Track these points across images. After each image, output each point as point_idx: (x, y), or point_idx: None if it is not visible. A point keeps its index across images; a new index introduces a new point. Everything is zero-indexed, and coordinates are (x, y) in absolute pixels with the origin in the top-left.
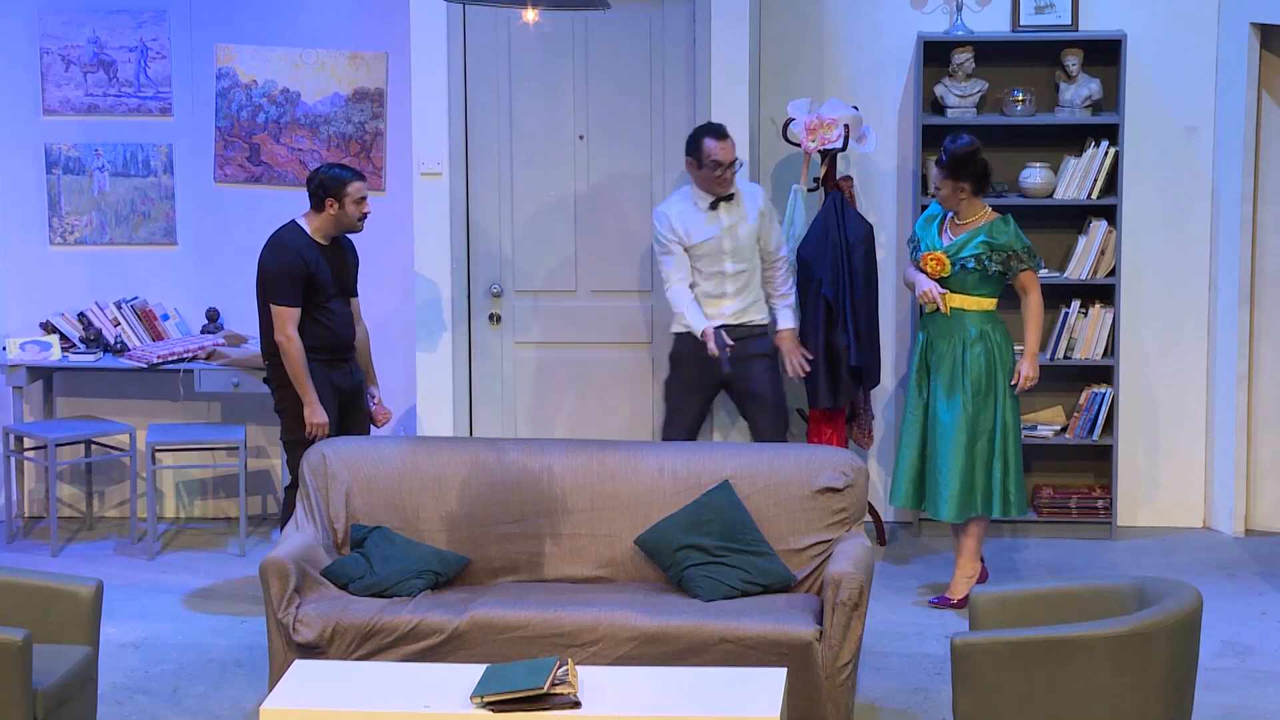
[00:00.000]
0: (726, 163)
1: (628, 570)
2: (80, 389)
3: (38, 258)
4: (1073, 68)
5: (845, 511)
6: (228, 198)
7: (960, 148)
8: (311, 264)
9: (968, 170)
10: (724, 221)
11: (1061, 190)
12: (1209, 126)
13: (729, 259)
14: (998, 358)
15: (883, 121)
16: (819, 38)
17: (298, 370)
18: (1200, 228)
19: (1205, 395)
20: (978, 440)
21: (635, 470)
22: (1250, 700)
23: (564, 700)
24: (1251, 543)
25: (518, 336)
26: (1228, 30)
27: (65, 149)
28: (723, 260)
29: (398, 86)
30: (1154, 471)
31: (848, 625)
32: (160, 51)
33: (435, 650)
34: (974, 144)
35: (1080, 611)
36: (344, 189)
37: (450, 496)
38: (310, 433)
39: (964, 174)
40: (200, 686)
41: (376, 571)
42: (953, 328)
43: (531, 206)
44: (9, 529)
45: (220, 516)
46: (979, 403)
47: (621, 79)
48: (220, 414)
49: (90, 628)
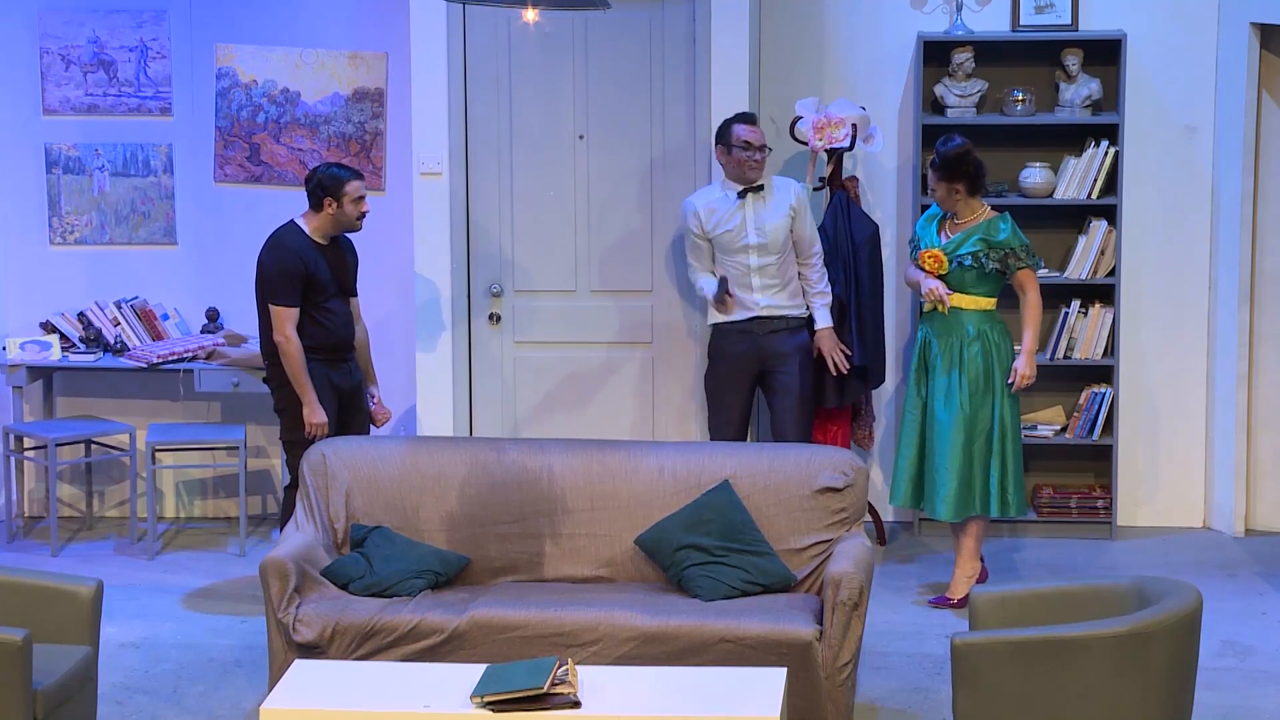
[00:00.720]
0: (756, 145)
1: (628, 570)
2: (80, 389)
3: (38, 257)
4: (1073, 68)
5: (845, 511)
6: (228, 197)
7: (951, 149)
8: (310, 264)
9: (961, 171)
10: (750, 212)
11: (1061, 190)
12: (1209, 126)
13: (754, 252)
14: (995, 357)
15: (883, 121)
16: (819, 38)
17: (297, 370)
18: (1200, 228)
19: (1205, 395)
20: (975, 440)
21: (635, 470)
22: (1250, 700)
23: (564, 700)
24: (1251, 543)
25: (518, 336)
26: (1228, 30)
27: (65, 149)
28: (748, 252)
29: (398, 86)
30: (1154, 471)
31: (848, 625)
32: (160, 51)
33: (435, 650)
34: (965, 145)
35: (1080, 611)
36: (342, 188)
37: (450, 496)
38: (309, 433)
39: (957, 175)
40: (200, 686)
41: (376, 571)
42: (951, 326)
43: (531, 206)
44: (9, 529)
45: (220, 516)
46: (976, 402)
47: (621, 79)
48: (220, 414)
49: (90, 628)
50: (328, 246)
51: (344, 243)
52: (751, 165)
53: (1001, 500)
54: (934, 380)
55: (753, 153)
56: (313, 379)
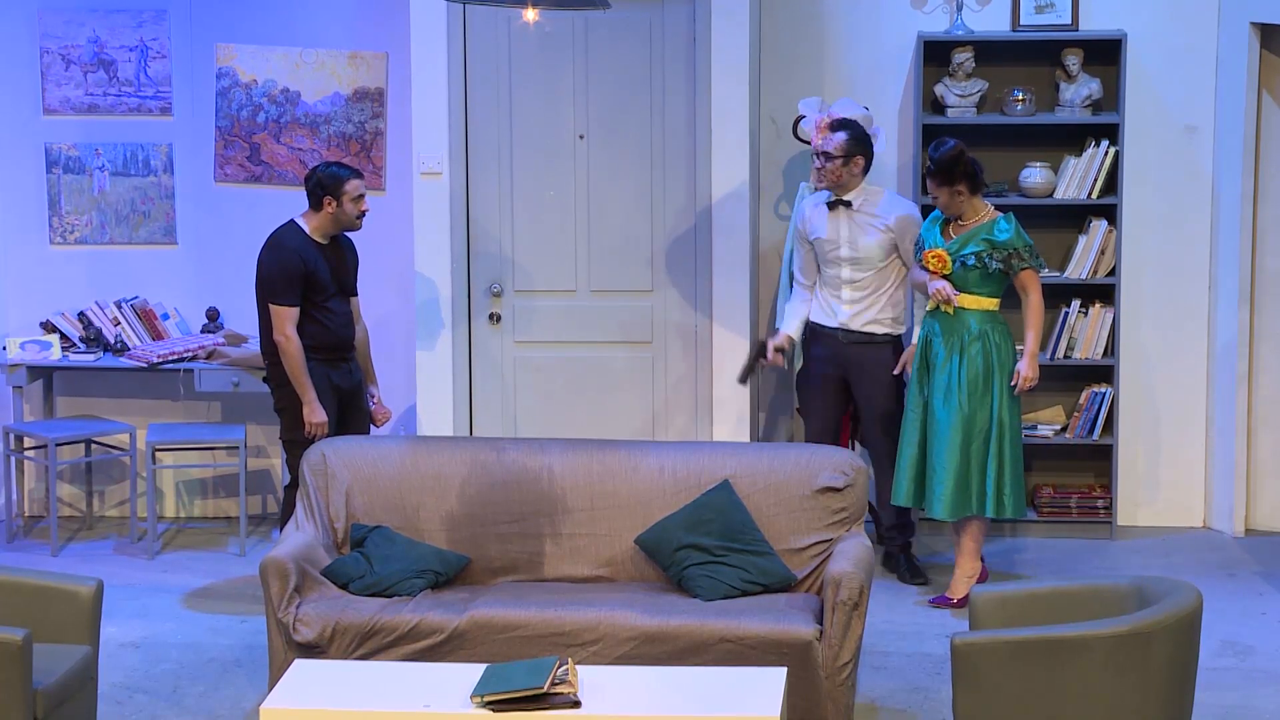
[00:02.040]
0: (812, 148)
1: (628, 570)
2: (80, 388)
3: (38, 257)
4: (1073, 67)
5: (845, 511)
6: (228, 197)
7: (945, 153)
8: (310, 263)
9: (959, 173)
10: (842, 225)
11: (1061, 190)
12: (1209, 126)
13: (847, 265)
14: (995, 358)
15: (883, 121)
16: (819, 38)
17: (296, 369)
18: (1200, 228)
19: (1205, 395)
20: (973, 440)
21: (635, 470)
22: (1250, 700)
23: (564, 700)
24: (1251, 543)
25: (518, 336)
26: (1228, 30)
27: (65, 148)
28: (840, 265)
29: (398, 86)
30: (1154, 471)
31: (848, 625)
32: (160, 51)
33: (435, 650)
34: (958, 146)
35: (1080, 611)
36: (341, 187)
37: (450, 496)
38: (309, 432)
39: (956, 177)
40: (200, 686)
41: (376, 571)
42: (953, 326)
43: (531, 206)
44: (9, 529)
45: (220, 516)
46: (975, 402)
47: (621, 79)
48: (220, 414)
49: (90, 627)
50: (328, 246)
51: (344, 242)
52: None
53: (998, 501)
54: (934, 379)
55: (816, 159)
56: (313, 379)
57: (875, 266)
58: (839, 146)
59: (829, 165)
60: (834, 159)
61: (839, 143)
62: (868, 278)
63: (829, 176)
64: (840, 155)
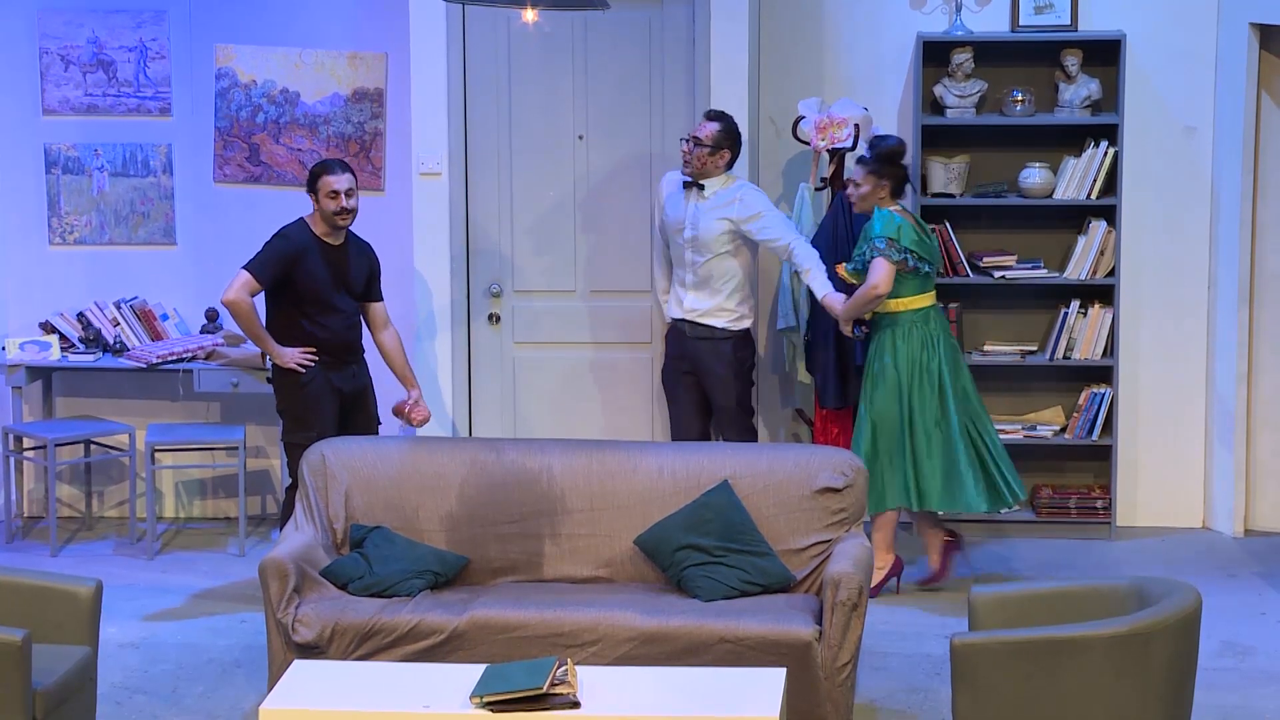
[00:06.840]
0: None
1: (627, 570)
2: (80, 389)
3: (37, 258)
4: (1072, 68)
5: (845, 511)
6: (227, 198)
7: (890, 145)
8: (304, 258)
9: (891, 171)
10: (690, 206)
11: (1061, 190)
12: (1208, 126)
13: (689, 248)
14: (907, 356)
15: (883, 122)
16: (819, 38)
17: (250, 327)
18: (1200, 227)
19: (1205, 395)
20: (881, 434)
21: (635, 470)
22: (1250, 700)
23: (563, 700)
24: (1251, 543)
25: (518, 336)
26: (1227, 30)
27: (65, 149)
28: (684, 249)
29: (397, 86)
30: (1154, 471)
31: (847, 625)
32: (160, 51)
33: (435, 650)
34: (902, 144)
35: (1080, 611)
36: (316, 183)
37: (450, 496)
38: (286, 362)
39: (887, 173)
40: (200, 686)
41: (376, 571)
42: (880, 324)
43: (531, 206)
44: (9, 529)
45: (220, 516)
46: (884, 396)
47: (621, 79)
48: (220, 414)
49: (90, 628)
50: (335, 248)
51: (359, 246)
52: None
53: (908, 492)
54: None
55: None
56: (313, 382)
57: (715, 252)
58: (710, 136)
59: (697, 151)
60: (703, 146)
61: (711, 132)
62: (707, 262)
63: (694, 162)
64: (709, 145)
